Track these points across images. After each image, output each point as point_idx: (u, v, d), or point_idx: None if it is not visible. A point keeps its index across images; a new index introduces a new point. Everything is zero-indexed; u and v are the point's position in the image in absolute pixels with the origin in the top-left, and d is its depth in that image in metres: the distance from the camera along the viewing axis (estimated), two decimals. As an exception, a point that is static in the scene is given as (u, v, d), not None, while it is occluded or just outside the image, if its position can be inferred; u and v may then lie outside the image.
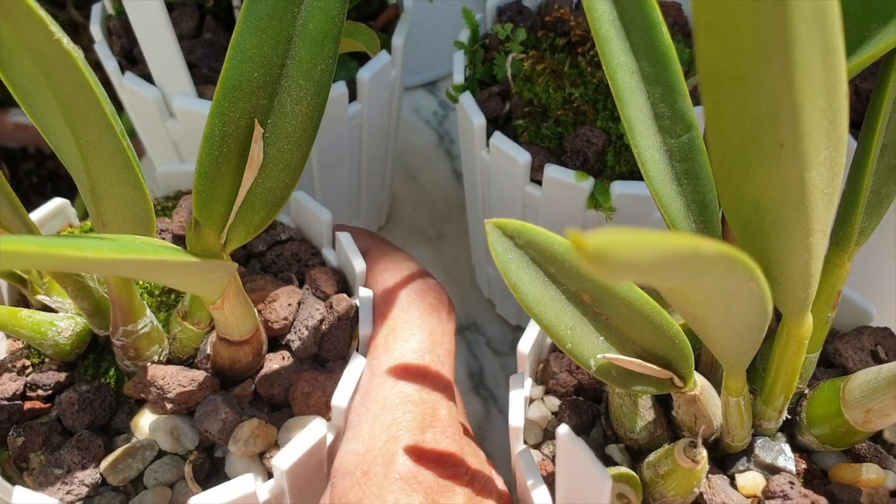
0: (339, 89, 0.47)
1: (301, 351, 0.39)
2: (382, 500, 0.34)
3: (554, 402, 0.39)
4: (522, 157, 0.44)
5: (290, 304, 0.39)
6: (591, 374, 0.31)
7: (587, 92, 0.46)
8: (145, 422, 0.37)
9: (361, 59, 0.51)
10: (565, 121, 0.46)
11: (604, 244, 0.13)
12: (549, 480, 0.36)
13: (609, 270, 0.14)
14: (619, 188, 0.43)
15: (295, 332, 0.39)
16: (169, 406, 0.36)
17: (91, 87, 0.25)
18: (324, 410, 0.37)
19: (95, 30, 0.50)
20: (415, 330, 0.39)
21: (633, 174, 0.44)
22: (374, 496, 0.34)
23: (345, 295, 0.40)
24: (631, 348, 0.31)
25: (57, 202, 0.41)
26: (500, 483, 0.38)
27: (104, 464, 0.35)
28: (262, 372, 0.38)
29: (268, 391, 0.38)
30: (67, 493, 0.34)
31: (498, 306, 0.58)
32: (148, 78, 0.48)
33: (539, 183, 0.45)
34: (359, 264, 0.40)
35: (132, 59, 0.50)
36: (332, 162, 0.50)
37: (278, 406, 0.38)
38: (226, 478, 0.36)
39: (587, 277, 0.28)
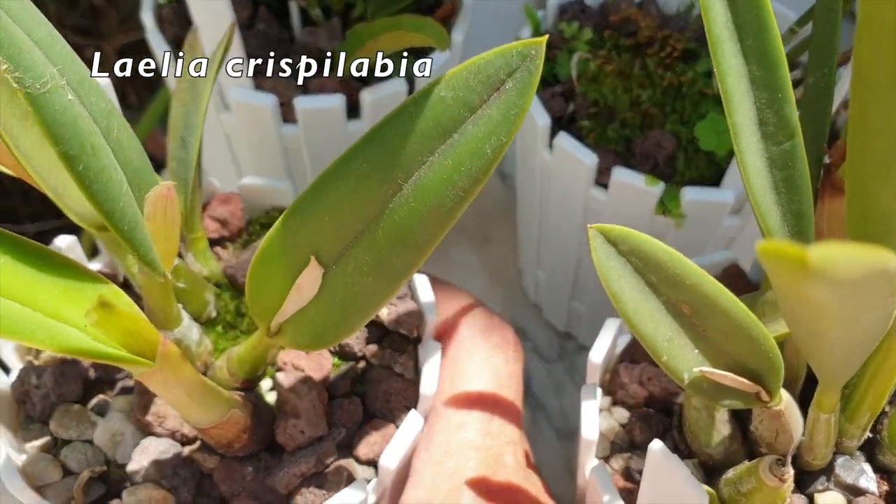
0: (398, 86, 0.46)
1: (272, 482, 0.33)
2: None
3: (622, 413, 0.38)
4: (589, 158, 0.43)
5: (302, 433, 0.34)
6: (682, 387, 0.30)
7: (655, 94, 0.45)
8: (119, 402, 0.36)
9: (418, 54, 0.49)
10: (632, 123, 0.44)
11: (827, 258, 0.12)
12: (622, 496, 0.34)
13: (824, 284, 0.13)
14: (690, 194, 0.42)
15: (287, 461, 0.34)
16: (135, 419, 0.34)
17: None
18: None
19: (147, 17, 0.49)
20: (480, 372, 0.38)
21: (703, 180, 0.43)
22: None
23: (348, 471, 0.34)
24: (723, 361, 0.30)
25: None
26: None
27: (60, 408, 0.35)
28: (227, 462, 0.34)
29: (219, 483, 0.34)
30: (24, 402, 0.35)
31: (545, 311, 0.57)
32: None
33: (603, 186, 0.44)
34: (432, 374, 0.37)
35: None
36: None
37: (223, 499, 0.34)
38: None
39: (689, 287, 0.27)
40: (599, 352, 0.37)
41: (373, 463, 0.34)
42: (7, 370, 0.37)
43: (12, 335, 0.25)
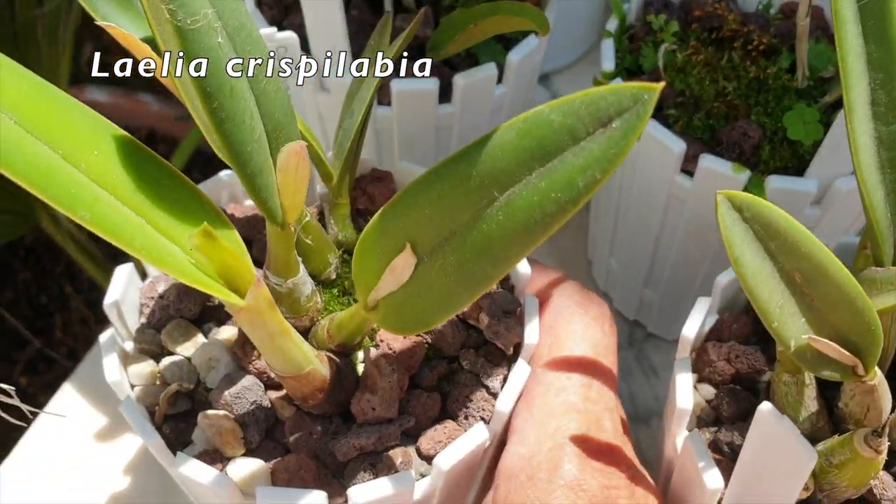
0: (489, 70, 0.48)
1: (333, 447, 0.35)
2: None
3: (708, 390, 0.39)
4: (677, 145, 0.44)
5: (373, 409, 0.35)
6: (788, 355, 0.31)
7: (740, 86, 0.46)
8: (225, 332, 0.38)
9: (505, 42, 0.51)
10: (717, 113, 0.46)
11: None
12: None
13: None
14: (775, 182, 0.43)
15: (354, 431, 0.35)
16: (232, 351, 0.36)
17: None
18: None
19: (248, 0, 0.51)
20: (578, 341, 0.40)
21: (787, 169, 0.44)
22: (538, 501, 0.34)
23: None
24: (826, 332, 0.31)
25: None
26: (656, 496, 0.38)
27: (175, 321, 0.38)
28: (301, 416, 0.35)
29: (288, 432, 0.35)
30: (145, 306, 0.39)
31: (615, 300, 0.58)
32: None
33: (688, 173, 0.46)
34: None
35: (282, 30, 0.51)
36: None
37: (287, 449, 0.36)
38: (189, 428, 0.36)
39: (804, 256, 0.29)
40: (692, 328, 0.38)
41: (432, 460, 0.35)
42: (144, 277, 0.40)
43: (116, 238, 0.26)
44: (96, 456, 0.53)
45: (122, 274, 0.38)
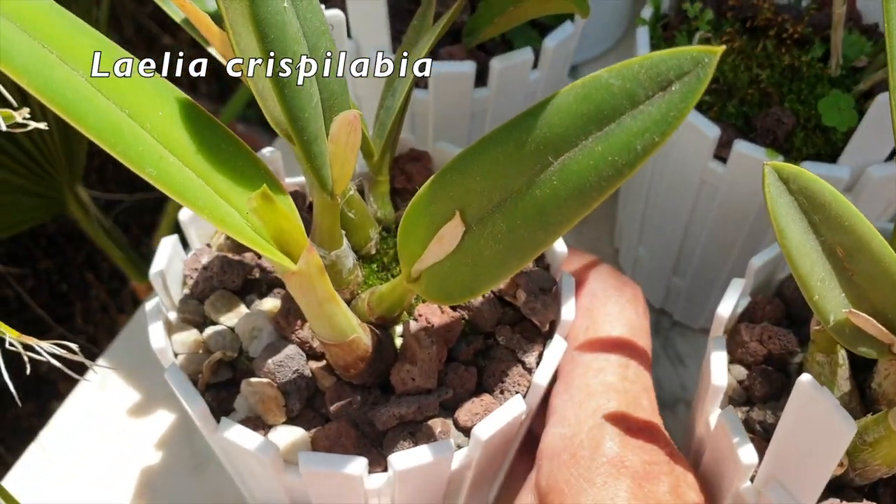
0: (525, 55, 0.48)
1: (373, 416, 0.35)
2: (591, 483, 0.34)
3: (740, 370, 0.40)
4: (712, 131, 0.45)
5: (413, 380, 0.35)
6: (826, 330, 0.31)
7: (774, 74, 0.47)
8: (267, 303, 0.38)
9: (539, 28, 0.52)
10: (751, 101, 0.46)
11: None
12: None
13: None
14: (808, 169, 0.43)
15: (393, 402, 0.36)
16: (275, 321, 0.37)
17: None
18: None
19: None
20: (615, 323, 0.40)
21: (820, 156, 0.45)
22: (581, 478, 0.35)
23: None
24: (865, 308, 0.32)
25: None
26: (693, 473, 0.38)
27: (218, 292, 0.39)
28: (341, 385, 0.36)
29: (328, 401, 0.36)
30: (188, 277, 0.39)
31: (642, 289, 0.59)
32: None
33: (721, 160, 0.46)
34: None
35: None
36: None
37: (325, 418, 0.36)
38: (230, 397, 0.37)
39: (847, 229, 0.29)
40: (727, 308, 0.39)
41: (468, 432, 0.35)
42: (188, 249, 0.41)
43: (181, 197, 0.27)
44: (126, 433, 0.53)
45: (167, 245, 0.39)
